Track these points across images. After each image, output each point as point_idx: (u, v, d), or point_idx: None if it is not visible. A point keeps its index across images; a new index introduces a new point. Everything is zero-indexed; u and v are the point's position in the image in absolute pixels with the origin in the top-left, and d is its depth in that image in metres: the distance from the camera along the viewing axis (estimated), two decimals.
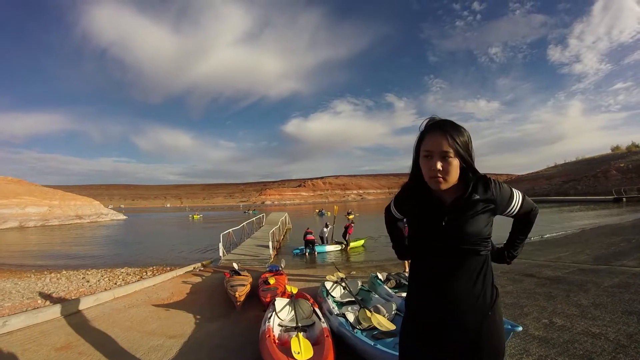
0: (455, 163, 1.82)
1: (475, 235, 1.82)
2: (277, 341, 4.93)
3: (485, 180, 1.89)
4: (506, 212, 2.05)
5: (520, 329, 4.15)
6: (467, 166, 1.87)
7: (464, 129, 1.89)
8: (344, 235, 19.99)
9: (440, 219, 1.85)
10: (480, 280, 1.87)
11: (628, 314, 5.65)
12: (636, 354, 4.28)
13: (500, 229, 2.35)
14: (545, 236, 18.95)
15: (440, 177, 1.81)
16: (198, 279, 10.88)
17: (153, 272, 12.53)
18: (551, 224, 26.27)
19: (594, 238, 15.35)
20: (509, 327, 3.95)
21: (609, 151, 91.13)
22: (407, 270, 7.02)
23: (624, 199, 48.11)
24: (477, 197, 1.84)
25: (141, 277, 11.44)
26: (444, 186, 1.84)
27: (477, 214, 1.83)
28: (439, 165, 1.80)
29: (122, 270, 13.51)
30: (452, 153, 1.79)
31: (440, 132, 1.83)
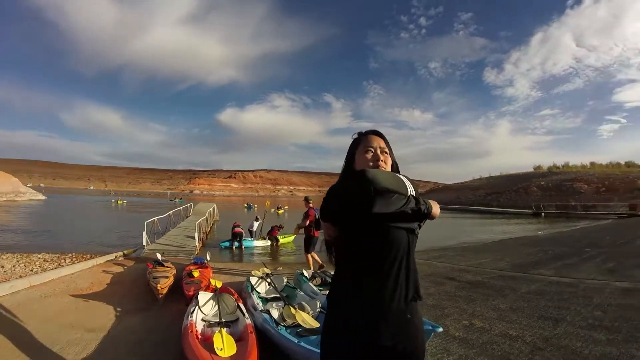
0: (389, 160, 2.12)
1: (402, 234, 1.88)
2: (199, 337, 4.86)
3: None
4: None
5: (440, 329, 4.29)
6: (395, 167, 2.16)
7: None
8: (269, 235, 20.00)
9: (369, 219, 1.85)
10: (403, 280, 1.88)
11: (544, 319, 6.06)
12: (552, 356, 4.59)
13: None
14: (467, 243, 19.66)
15: (382, 163, 2.05)
16: (119, 269, 10.55)
17: (72, 260, 12.04)
18: (474, 232, 27.36)
19: (513, 247, 16.18)
20: (430, 327, 4.13)
21: (532, 170, 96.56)
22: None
23: (543, 214, 52.36)
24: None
25: (59, 265, 10.97)
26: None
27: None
28: (381, 157, 2.06)
29: (39, 255, 12.88)
30: (388, 152, 2.12)
31: (378, 135, 2.17)
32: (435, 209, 1.97)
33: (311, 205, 10.80)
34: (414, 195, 1.92)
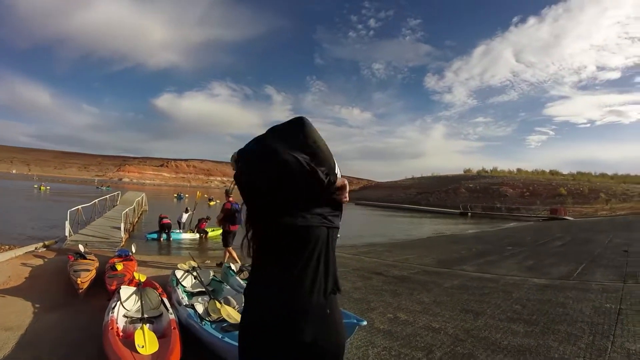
0: None
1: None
2: (120, 334, 4.77)
3: None
4: None
5: (364, 323, 4.36)
6: None
7: None
8: (197, 228, 19.75)
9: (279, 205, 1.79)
10: (322, 273, 1.81)
11: (465, 312, 6.36)
12: (472, 347, 4.80)
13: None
14: (396, 239, 20.08)
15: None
16: (39, 262, 10.14)
17: None
18: (402, 229, 28.12)
19: (439, 244, 16.82)
20: (355, 321, 4.23)
21: (462, 172, 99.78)
22: None
23: (469, 214, 55.23)
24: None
25: None
26: None
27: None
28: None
29: None
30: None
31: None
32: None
33: (231, 198, 10.75)
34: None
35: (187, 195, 66.90)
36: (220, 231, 19.74)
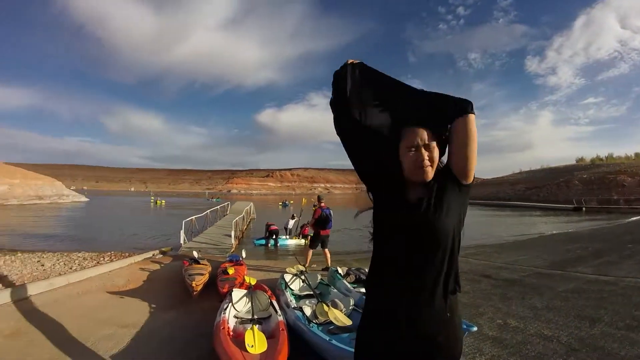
0: (436, 154, 1.84)
1: (439, 233, 1.74)
2: (231, 333, 4.84)
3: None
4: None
5: (475, 329, 4.19)
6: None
7: None
8: (300, 233, 19.97)
9: (416, 206, 1.79)
10: (446, 276, 1.78)
11: (580, 319, 5.80)
12: (587, 357, 4.40)
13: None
14: (505, 239, 19.28)
15: (429, 166, 1.81)
16: (156, 267, 10.70)
17: (111, 258, 12.27)
18: (511, 228, 26.82)
19: (552, 244, 15.76)
20: (465, 327, 3.99)
21: (574, 162, 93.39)
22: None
23: (584, 209, 50.08)
24: (443, 179, 1.84)
25: (98, 263, 11.19)
26: (430, 174, 1.83)
27: (445, 204, 1.78)
28: (426, 156, 1.81)
29: (78, 254, 13.18)
30: (434, 143, 1.83)
31: (417, 125, 1.85)
32: None
33: (322, 204, 10.93)
34: None
35: (292, 202, 68.14)
36: None
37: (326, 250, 10.91)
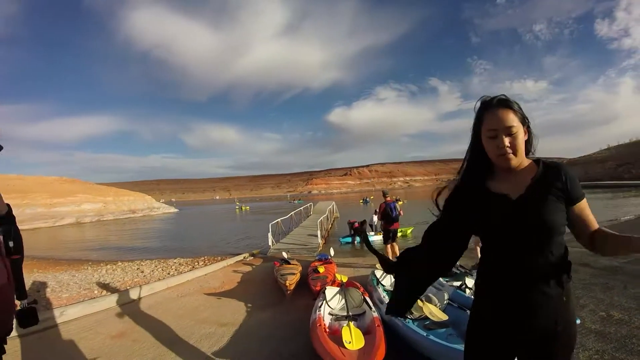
0: (521, 136, 1.77)
1: (550, 224, 1.70)
2: (327, 330, 4.83)
3: (554, 166, 1.81)
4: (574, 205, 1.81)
5: (578, 321, 3.99)
6: (530, 140, 1.85)
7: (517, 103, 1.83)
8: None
9: (513, 204, 1.76)
10: (559, 263, 1.76)
11: None
12: None
13: None
14: (600, 223, 18.34)
15: (510, 152, 1.75)
16: (248, 268, 10.95)
17: (204, 262, 12.71)
18: (605, 210, 25.33)
19: None
20: None
21: None
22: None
23: None
24: (550, 181, 1.75)
25: (193, 267, 11.62)
26: (514, 162, 1.78)
27: (551, 200, 1.72)
28: (507, 142, 1.74)
29: (174, 260, 13.77)
30: (516, 127, 1.74)
31: (499, 107, 1.77)
32: None
33: (387, 199, 10.87)
34: None
35: (372, 198, 68.00)
36: (410, 230, 19.84)
37: (394, 244, 10.90)
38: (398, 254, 9.85)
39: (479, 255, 2.00)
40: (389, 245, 10.84)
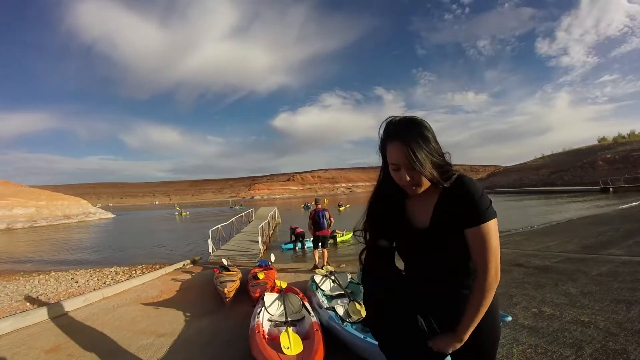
0: (428, 167, 1.72)
1: (448, 255, 1.78)
2: (266, 336, 4.92)
3: (454, 188, 1.76)
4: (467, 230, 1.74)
5: (509, 318, 4.17)
6: (437, 165, 1.76)
7: (425, 127, 1.76)
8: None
9: (417, 231, 1.84)
10: (465, 272, 1.83)
11: (617, 302, 5.70)
12: (625, 341, 4.32)
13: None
14: (533, 226, 19.04)
15: (412, 186, 1.77)
16: (187, 276, 10.86)
17: (142, 271, 12.49)
18: (539, 214, 26.43)
19: (581, 227, 15.45)
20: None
21: (596, 142, 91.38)
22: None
23: (611, 189, 48.43)
24: (449, 207, 1.77)
25: (130, 276, 11.40)
26: (419, 191, 1.80)
27: (451, 229, 1.76)
28: (408, 177, 1.75)
29: (111, 269, 13.44)
30: (420, 163, 1.69)
31: (399, 142, 1.74)
32: None
33: (318, 206, 11.48)
34: None
35: (313, 204, 68.32)
36: (350, 235, 20.09)
37: (324, 250, 11.19)
38: (326, 261, 10.02)
39: None
40: (316, 251, 11.19)
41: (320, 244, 11.13)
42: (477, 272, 1.75)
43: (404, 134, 1.73)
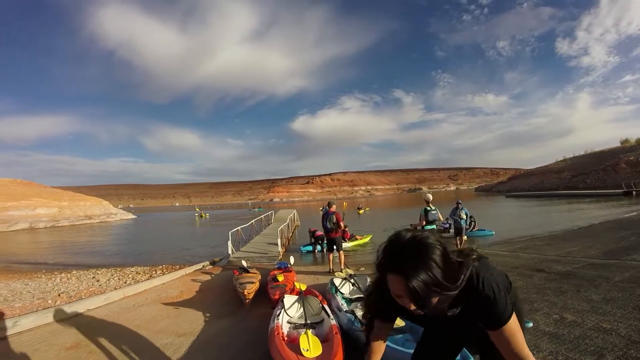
0: (434, 295, 1.65)
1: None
2: (285, 338, 4.91)
3: (471, 291, 1.72)
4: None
5: (530, 324, 4.12)
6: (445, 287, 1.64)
7: (428, 254, 1.63)
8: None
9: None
10: None
11: (639, 309, 5.58)
12: None
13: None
14: (555, 231, 18.80)
15: (419, 311, 1.69)
16: (207, 277, 10.90)
17: (162, 271, 12.61)
18: (560, 218, 26.05)
19: (603, 232, 15.18)
20: None
21: (618, 144, 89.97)
22: None
23: (634, 193, 47.41)
24: (458, 310, 1.77)
25: (151, 276, 11.51)
26: (428, 312, 1.72)
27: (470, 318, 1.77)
28: (412, 307, 1.68)
29: (132, 269, 13.61)
30: (423, 295, 1.61)
31: (400, 277, 1.64)
32: None
33: (330, 209, 11.28)
34: None
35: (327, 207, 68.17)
36: (369, 238, 20.03)
37: (340, 252, 11.10)
38: (344, 264, 10.00)
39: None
40: (330, 254, 11.26)
41: (333, 246, 11.10)
42: None
43: (406, 268, 1.63)
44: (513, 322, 1.71)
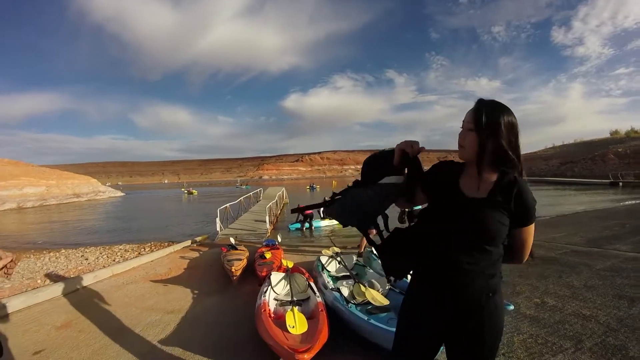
0: (470, 139, 1.85)
1: (490, 234, 1.81)
2: (272, 315, 4.96)
3: (510, 183, 1.85)
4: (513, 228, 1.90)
5: (512, 307, 4.22)
6: (493, 150, 1.83)
7: (506, 115, 1.84)
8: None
9: (461, 209, 1.86)
10: (492, 262, 1.89)
11: (619, 298, 5.71)
12: (625, 338, 4.34)
13: None
14: (540, 217, 18.97)
15: (460, 145, 1.92)
16: (195, 254, 10.98)
17: (151, 248, 12.61)
18: (546, 205, 26.32)
19: (588, 221, 15.32)
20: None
21: (608, 135, 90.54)
22: None
23: (621, 184, 47.93)
24: (499, 198, 1.83)
25: (139, 254, 11.52)
26: (461, 155, 1.94)
27: (496, 213, 1.82)
28: (461, 137, 1.91)
29: (120, 247, 13.59)
30: (474, 128, 1.83)
31: (473, 108, 1.87)
32: None
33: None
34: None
35: (318, 186, 68.02)
36: None
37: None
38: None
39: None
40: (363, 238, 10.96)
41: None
42: (514, 254, 1.99)
43: (479, 104, 1.87)
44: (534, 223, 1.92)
